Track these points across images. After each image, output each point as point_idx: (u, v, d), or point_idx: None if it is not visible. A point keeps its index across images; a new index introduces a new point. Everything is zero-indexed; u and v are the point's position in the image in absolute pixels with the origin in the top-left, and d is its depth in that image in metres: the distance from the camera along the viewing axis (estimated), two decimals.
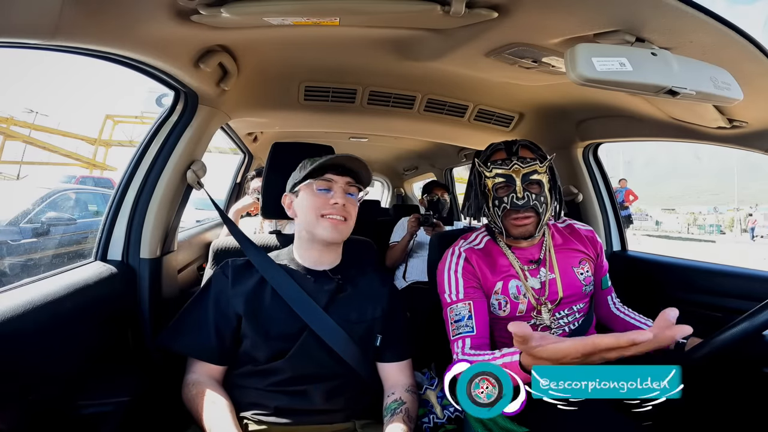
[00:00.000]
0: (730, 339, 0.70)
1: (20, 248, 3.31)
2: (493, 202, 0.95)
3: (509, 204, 0.92)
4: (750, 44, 0.69)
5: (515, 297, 0.97)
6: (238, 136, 2.07)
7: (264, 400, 0.81)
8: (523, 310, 0.97)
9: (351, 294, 0.90)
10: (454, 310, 0.93)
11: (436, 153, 3.00)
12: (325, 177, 0.89)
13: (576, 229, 1.09)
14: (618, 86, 0.65)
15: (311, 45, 1.03)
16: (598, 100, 1.25)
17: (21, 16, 0.55)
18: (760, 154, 1.05)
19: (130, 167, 1.05)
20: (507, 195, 0.93)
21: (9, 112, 16.08)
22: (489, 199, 0.96)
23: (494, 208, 0.95)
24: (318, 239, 0.89)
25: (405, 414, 0.80)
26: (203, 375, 0.82)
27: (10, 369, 0.65)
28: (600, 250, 1.08)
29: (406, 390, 0.87)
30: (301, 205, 0.90)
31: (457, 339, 0.90)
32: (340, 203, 0.87)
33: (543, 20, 0.76)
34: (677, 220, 30.33)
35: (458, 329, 0.91)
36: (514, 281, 0.97)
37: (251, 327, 0.82)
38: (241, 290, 0.85)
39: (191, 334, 0.84)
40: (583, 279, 1.02)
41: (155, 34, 0.77)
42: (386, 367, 0.90)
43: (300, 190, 0.91)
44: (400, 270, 2.14)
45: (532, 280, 0.98)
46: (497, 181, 0.94)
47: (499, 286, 0.97)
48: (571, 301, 1.00)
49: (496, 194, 0.95)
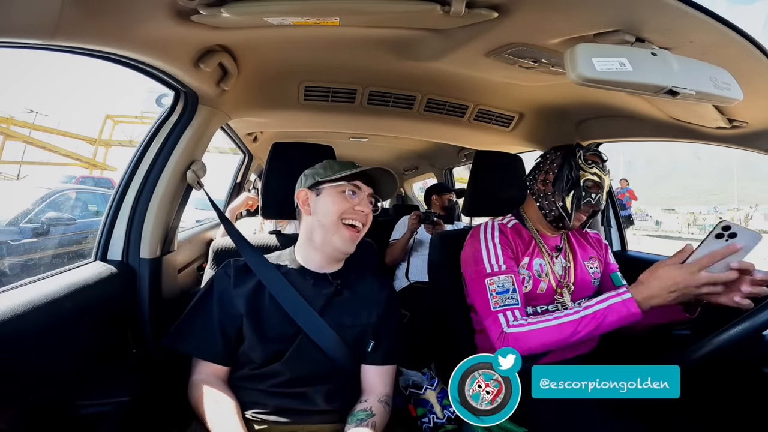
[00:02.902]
0: (730, 339, 0.70)
1: (20, 248, 3.31)
2: (579, 194, 1.01)
3: (595, 201, 1.01)
4: (750, 44, 0.69)
5: (538, 275, 1.03)
6: (238, 136, 2.06)
7: (265, 399, 0.81)
8: (543, 289, 1.03)
9: (348, 298, 0.90)
10: (495, 282, 0.95)
11: (436, 153, 3.00)
12: (355, 183, 0.90)
13: (584, 232, 1.19)
14: (618, 86, 0.65)
15: (311, 45, 1.03)
16: (598, 100, 1.25)
17: (21, 16, 0.55)
18: (760, 154, 1.05)
19: (130, 167, 1.05)
20: (595, 193, 1.01)
21: (9, 112, 16.09)
22: (576, 189, 1.02)
23: (578, 198, 1.01)
24: (331, 247, 0.88)
25: (371, 427, 0.77)
26: (209, 375, 0.82)
27: (10, 369, 0.65)
28: (606, 250, 1.18)
29: (380, 400, 0.84)
30: (323, 205, 0.89)
31: (503, 310, 0.92)
32: (365, 211, 0.89)
33: (543, 20, 0.76)
34: (677, 220, 30.28)
35: (503, 301, 0.92)
36: (539, 260, 1.05)
37: (251, 328, 0.82)
38: (242, 290, 0.85)
39: (196, 335, 0.84)
40: (593, 273, 1.11)
41: (155, 34, 0.77)
42: (366, 369, 0.89)
43: (324, 189, 0.90)
44: (402, 269, 2.14)
45: (558, 263, 1.07)
46: (593, 179, 1.01)
47: (525, 261, 1.03)
48: (581, 292, 1.08)
49: (586, 188, 1.01)
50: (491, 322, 0.92)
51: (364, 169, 0.89)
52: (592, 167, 1.02)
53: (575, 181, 1.02)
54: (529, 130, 1.57)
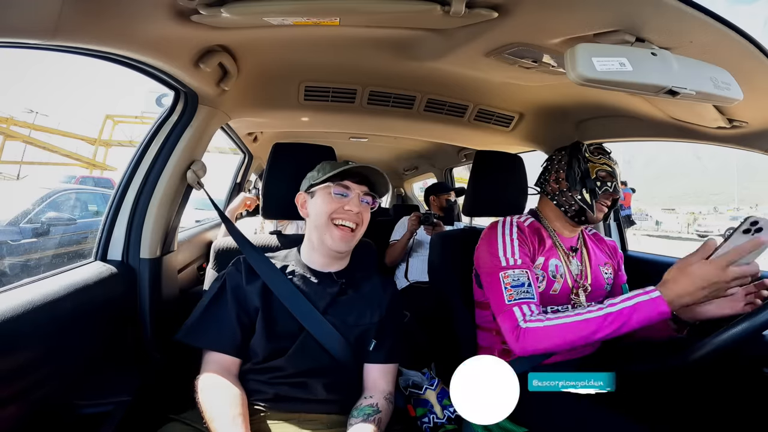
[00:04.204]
0: (730, 339, 0.70)
1: (20, 248, 3.31)
2: (593, 184, 1.02)
3: (612, 188, 1.01)
4: (750, 44, 0.69)
5: (553, 275, 1.02)
6: (238, 136, 2.06)
7: (265, 388, 0.82)
8: (557, 290, 1.02)
9: (352, 297, 0.91)
10: (510, 275, 0.93)
11: (436, 153, 3.00)
12: (343, 183, 0.90)
13: (601, 238, 1.19)
14: (618, 86, 0.65)
15: (311, 45, 1.03)
16: (598, 100, 1.25)
17: (21, 16, 0.55)
18: (760, 154, 1.05)
19: (130, 167, 1.05)
20: (611, 182, 1.02)
21: (9, 112, 16.09)
22: (589, 181, 1.02)
23: (594, 189, 1.01)
24: (325, 246, 0.90)
25: (377, 423, 0.77)
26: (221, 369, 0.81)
27: (11, 369, 0.65)
28: (620, 259, 1.17)
29: (384, 398, 0.85)
30: (315, 207, 0.91)
31: (517, 304, 0.90)
32: (354, 211, 0.89)
33: (543, 20, 0.76)
34: (677, 220, 30.29)
35: (518, 294, 0.90)
36: (555, 260, 1.03)
37: (262, 322, 0.84)
38: (254, 287, 0.87)
39: (213, 329, 0.84)
40: (606, 278, 1.10)
41: (155, 34, 0.77)
42: (369, 367, 0.89)
43: (316, 191, 0.92)
44: (401, 269, 2.14)
45: (574, 263, 1.06)
46: (605, 169, 1.03)
47: (540, 261, 1.02)
48: (595, 294, 1.06)
49: (600, 178, 1.02)
50: (505, 317, 0.89)
51: (348, 168, 0.88)
52: (600, 158, 1.03)
53: (586, 173, 1.03)
54: (529, 130, 1.57)
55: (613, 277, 1.12)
